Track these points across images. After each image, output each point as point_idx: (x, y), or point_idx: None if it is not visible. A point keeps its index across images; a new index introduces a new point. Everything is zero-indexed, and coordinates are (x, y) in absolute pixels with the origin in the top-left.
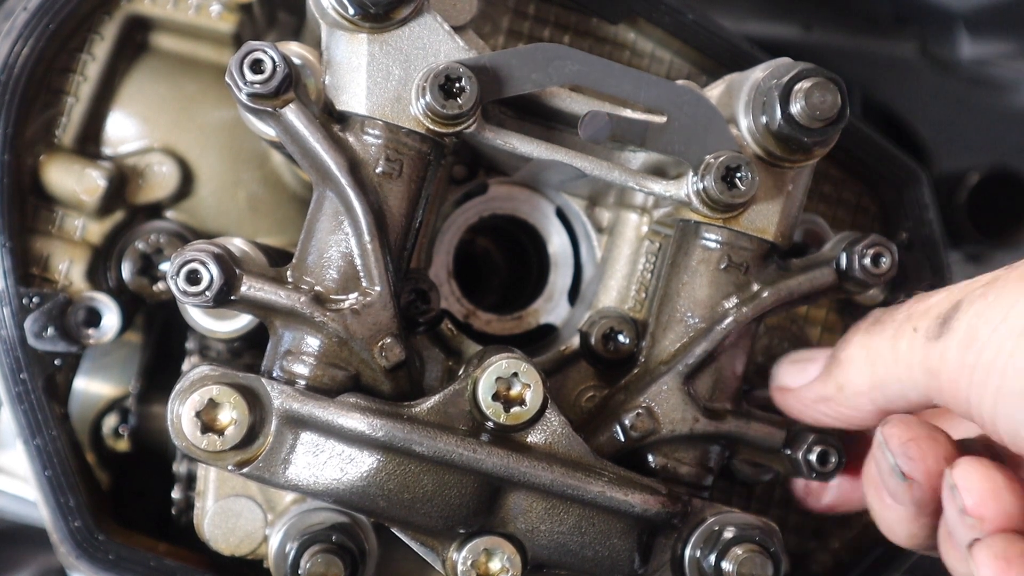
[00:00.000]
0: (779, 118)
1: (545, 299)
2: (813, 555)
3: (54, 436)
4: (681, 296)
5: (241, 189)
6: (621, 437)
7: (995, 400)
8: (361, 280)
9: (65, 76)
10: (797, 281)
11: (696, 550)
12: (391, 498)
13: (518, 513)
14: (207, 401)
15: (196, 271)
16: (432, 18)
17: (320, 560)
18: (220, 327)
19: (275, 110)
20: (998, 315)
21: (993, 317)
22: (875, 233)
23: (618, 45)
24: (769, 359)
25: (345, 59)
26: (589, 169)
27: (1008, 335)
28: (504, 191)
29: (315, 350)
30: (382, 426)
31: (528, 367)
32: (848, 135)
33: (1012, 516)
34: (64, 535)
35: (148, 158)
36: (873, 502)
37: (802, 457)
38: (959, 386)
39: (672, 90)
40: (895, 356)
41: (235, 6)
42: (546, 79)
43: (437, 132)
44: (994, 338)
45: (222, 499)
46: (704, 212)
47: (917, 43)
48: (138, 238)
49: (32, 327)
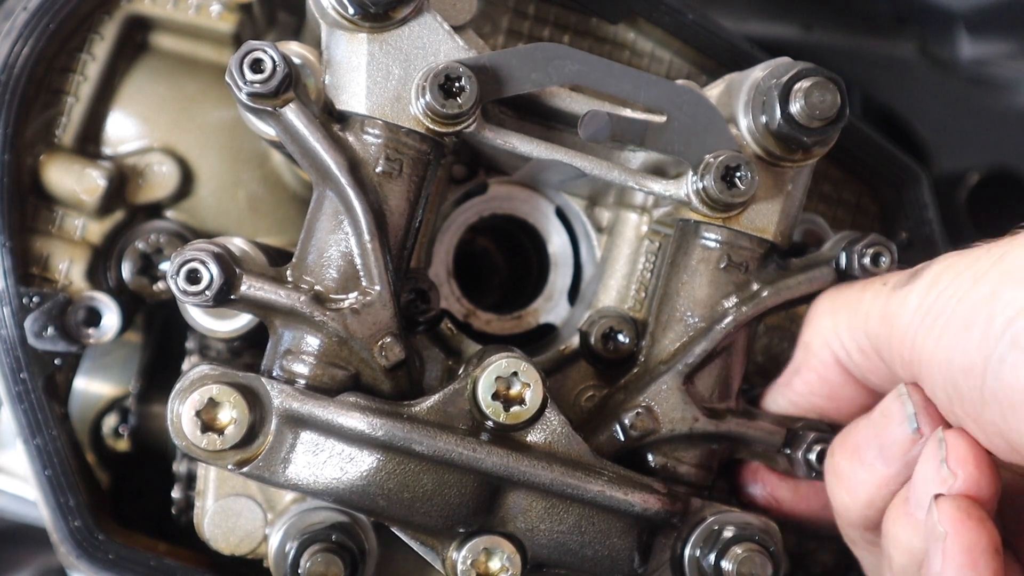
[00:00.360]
0: (779, 118)
1: (545, 299)
2: (813, 555)
3: (54, 436)
4: (681, 295)
5: (241, 189)
6: (621, 436)
7: (938, 340)
8: (361, 280)
9: (65, 76)
10: (797, 280)
11: (696, 549)
12: (391, 497)
13: (518, 512)
14: (207, 400)
15: (196, 270)
16: (432, 18)
17: (320, 559)
18: (220, 326)
19: (275, 110)
20: (965, 262)
21: (959, 264)
22: (875, 233)
23: (618, 45)
24: (769, 359)
25: (345, 59)
26: (589, 169)
27: (970, 277)
28: (504, 191)
29: (315, 349)
30: (382, 425)
31: (528, 366)
32: (848, 135)
33: (982, 488)
34: (64, 535)
35: (148, 158)
36: (844, 465)
37: (802, 456)
38: (908, 330)
39: (672, 90)
40: (859, 304)
41: (235, 6)
42: (546, 79)
43: (437, 132)
44: (955, 282)
45: (222, 498)
46: (704, 212)
47: (917, 43)
48: (138, 238)
49: (32, 327)
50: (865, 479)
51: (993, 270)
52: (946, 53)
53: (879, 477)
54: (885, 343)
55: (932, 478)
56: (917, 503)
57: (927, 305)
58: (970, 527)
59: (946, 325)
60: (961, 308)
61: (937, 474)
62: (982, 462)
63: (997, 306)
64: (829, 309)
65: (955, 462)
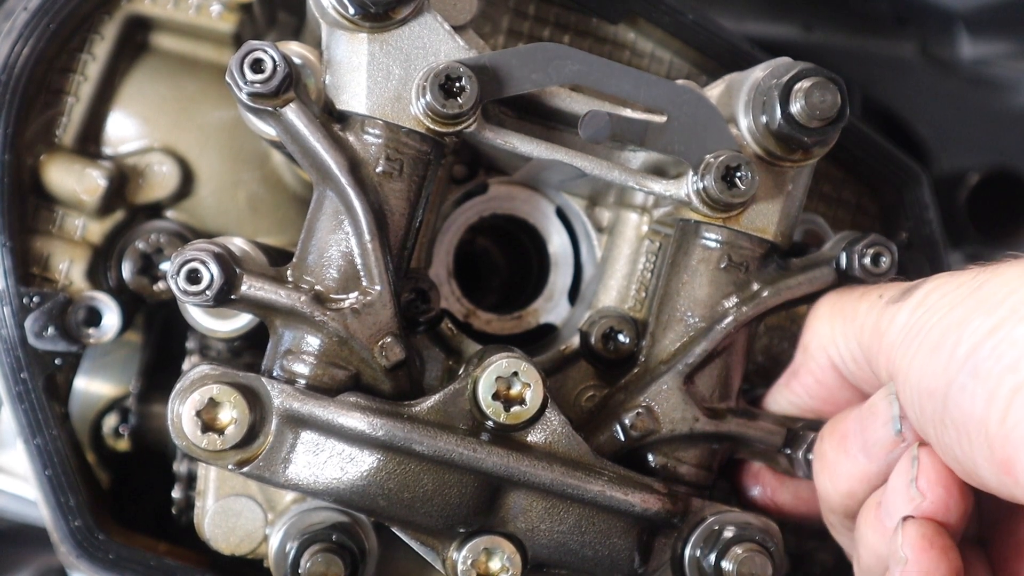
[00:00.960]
0: (779, 118)
1: (545, 299)
2: (813, 555)
3: (54, 435)
4: (681, 295)
5: (241, 189)
6: (621, 436)
7: (911, 359)
8: (361, 279)
9: (65, 76)
10: (797, 280)
11: (696, 549)
12: (391, 497)
13: (518, 512)
14: (207, 400)
15: (196, 270)
16: (432, 18)
17: (320, 559)
18: (220, 326)
19: (275, 110)
20: (952, 285)
21: (946, 286)
22: (875, 233)
23: (618, 45)
24: (769, 359)
25: (345, 59)
26: (589, 169)
27: (949, 303)
28: (504, 191)
29: (315, 349)
30: (382, 425)
31: (528, 366)
32: (848, 135)
33: (950, 511)
34: (64, 534)
35: (148, 158)
36: (830, 451)
37: (802, 456)
38: (893, 346)
39: (672, 90)
40: (854, 315)
41: (235, 6)
42: (546, 79)
43: (437, 132)
44: (937, 304)
45: (222, 498)
46: (704, 211)
47: (917, 43)
48: (138, 238)
49: (32, 326)
50: (848, 470)
51: (970, 297)
52: (946, 53)
53: (860, 470)
54: (874, 356)
55: (902, 493)
56: (887, 513)
57: (911, 323)
58: (931, 556)
59: (920, 346)
60: (934, 332)
61: (906, 491)
62: (951, 485)
63: (964, 333)
64: (827, 314)
65: (925, 482)
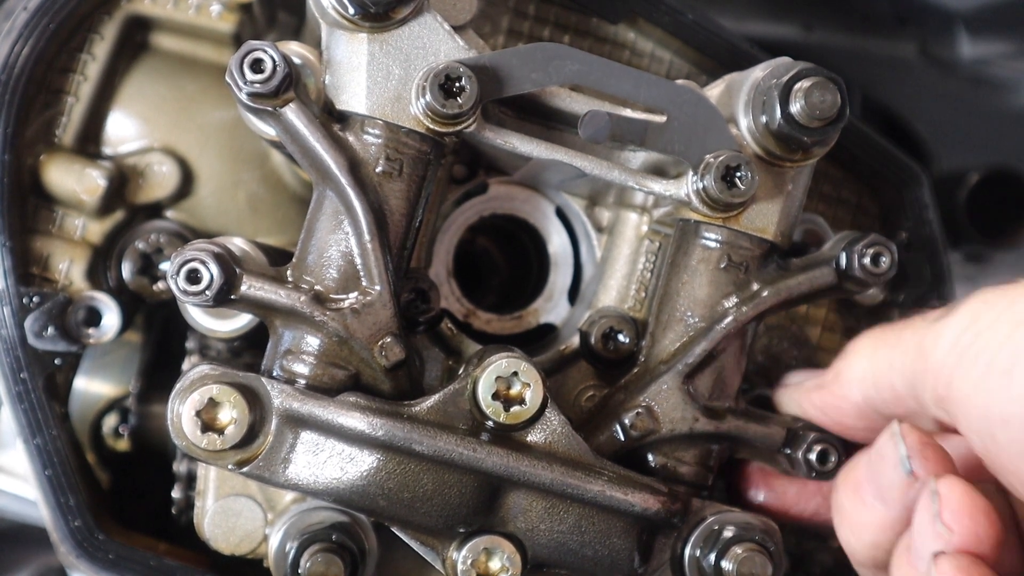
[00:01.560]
0: (779, 117)
1: (545, 299)
2: (813, 555)
3: (54, 435)
4: (681, 295)
5: (241, 189)
6: (621, 436)
7: (976, 383)
8: (361, 279)
9: (65, 76)
10: (797, 280)
11: (696, 549)
12: (391, 497)
13: (518, 512)
14: (207, 400)
15: (196, 270)
16: (432, 18)
17: (320, 559)
18: (220, 326)
19: (275, 110)
20: (1005, 302)
21: (999, 304)
22: (875, 233)
23: (618, 45)
24: (769, 359)
25: (345, 59)
26: (589, 169)
27: (1010, 321)
28: (504, 191)
29: (315, 349)
30: (382, 425)
31: (528, 366)
32: (848, 135)
33: (981, 540)
34: (64, 534)
35: (148, 158)
36: (847, 503)
37: (802, 456)
38: (944, 366)
39: (672, 90)
40: (897, 340)
41: (235, 6)
42: (546, 79)
43: (437, 132)
44: (997, 323)
45: (222, 498)
46: (704, 211)
47: (917, 43)
48: (138, 238)
49: (32, 326)
50: (868, 520)
51: None
52: (946, 53)
53: (879, 518)
54: (920, 377)
55: (929, 531)
56: (918, 556)
57: (964, 343)
58: None
59: (987, 369)
60: (1002, 354)
61: (933, 529)
62: (978, 512)
63: None
64: (869, 345)
65: (950, 516)
